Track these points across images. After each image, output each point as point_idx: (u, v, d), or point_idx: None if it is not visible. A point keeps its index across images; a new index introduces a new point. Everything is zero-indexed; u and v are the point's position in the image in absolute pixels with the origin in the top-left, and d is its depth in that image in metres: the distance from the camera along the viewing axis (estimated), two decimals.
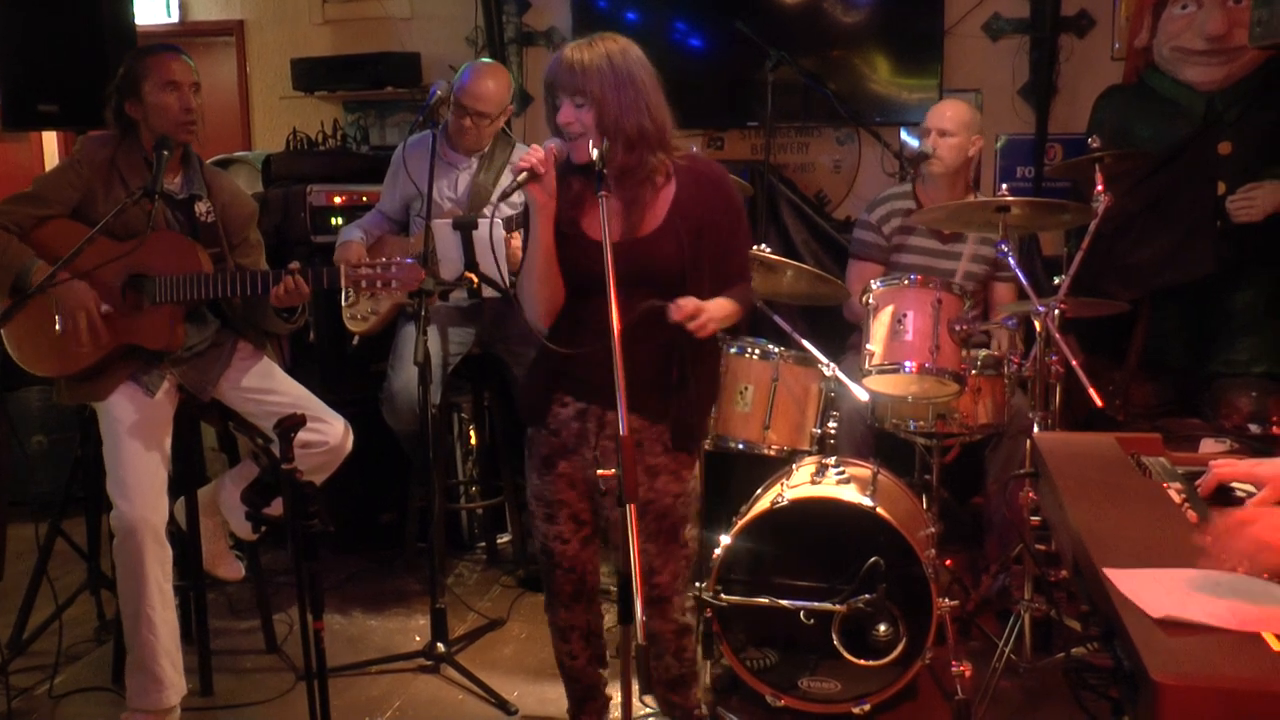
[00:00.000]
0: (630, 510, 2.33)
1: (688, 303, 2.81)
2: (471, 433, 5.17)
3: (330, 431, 3.79)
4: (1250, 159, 4.55)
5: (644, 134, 2.88)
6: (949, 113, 4.43)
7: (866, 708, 3.57)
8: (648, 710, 3.62)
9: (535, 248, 2.92)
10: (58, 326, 3.57)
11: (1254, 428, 3.19)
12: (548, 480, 3.08)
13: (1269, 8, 3.21)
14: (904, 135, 5.74)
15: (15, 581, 4.18)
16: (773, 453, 3.89)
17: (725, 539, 3.60)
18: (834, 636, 3.54)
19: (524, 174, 2.80)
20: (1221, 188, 4.56)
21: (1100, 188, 3.96)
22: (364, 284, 3.55)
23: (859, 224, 4.68)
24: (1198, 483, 2.23)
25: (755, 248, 4.01)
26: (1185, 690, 1.46)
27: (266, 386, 3.82)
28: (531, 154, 2.82)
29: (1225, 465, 2.20)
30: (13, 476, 5.09)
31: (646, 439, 2.99)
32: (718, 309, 2.90)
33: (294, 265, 3.54)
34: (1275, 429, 3.13)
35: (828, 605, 3.55)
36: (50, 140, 6.92)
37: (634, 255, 2.82)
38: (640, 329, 2.77)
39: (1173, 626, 1.60)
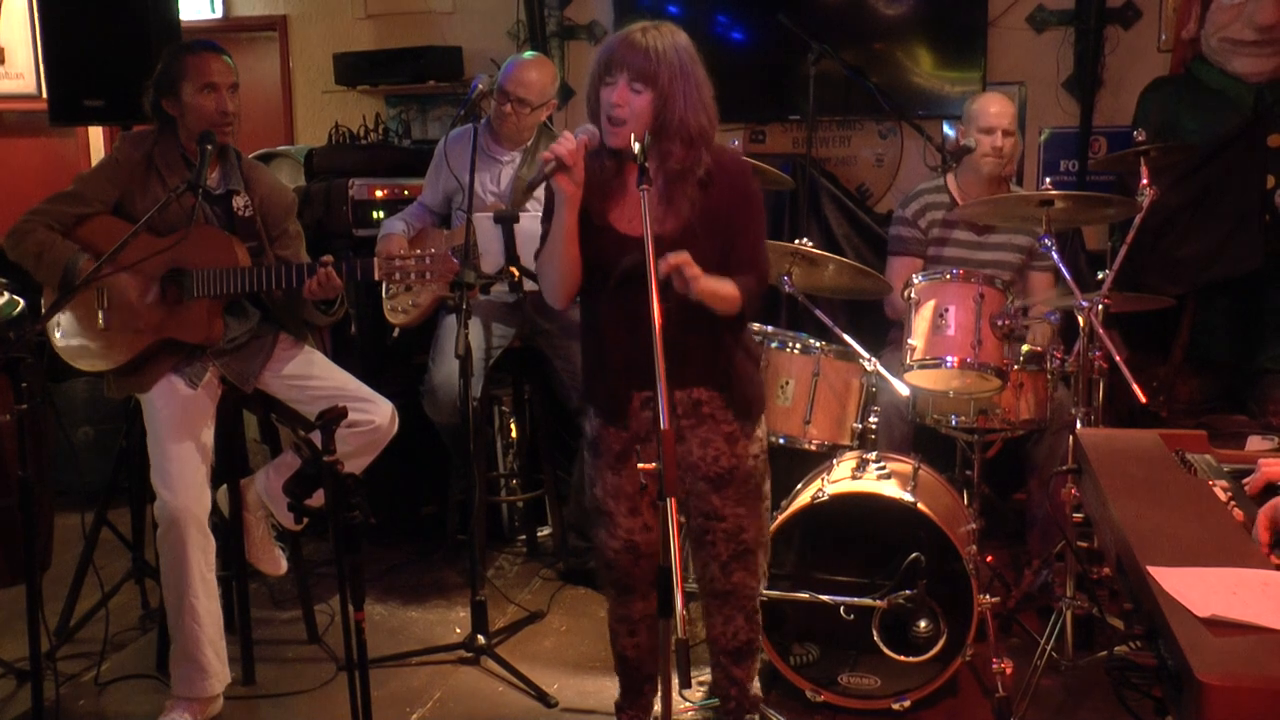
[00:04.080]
0: (670, 505, 2.32)
1: (674, 255, 2.79)
2: (512, 426, 5.18)
3: (377, 412, 3.81)
4: None
5: (703, 133, 2.90)
6: (1009, 111, 4.39)
7: (906, 704, 3.56)
8: (688, 704, 3.63)
9: (558, 235, 2.94)
10: (100, 322, 3.61)
11: None
12: (627, 475, 3.08)
13: None
14: (945, 128, 5.70)
15: (62, 570, 4.23)
16: (813, 447, 3.89)
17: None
18: (874, 632, 3.53)
19: (551, 164, 2.82)
20: (1271, 181, 4.51)
21: (1145, 181, 3.93)
22: (398, 276, 3.58)
23: (895, 220, 4.65)
24: (1245, 481, 2.20)
25: (797, 241, 4.01)
26: (1232, 691, 1.45)
27: (310, 373, 3.84)
28: (561, 144, 2.83)
29: (1275, 463, 2.17)
30: (59, 467, 5.15)
31: (718, 408, 3.04)
32: (713, 281, 2.86)
33: (326, 259, 3.56)
34: None
35: (868, 600, 3.54)
36: (96, 135, 6.97)
37: (658, 252, 2.81)
38: (688, 315, 2.82)
39: (1219, 626, 1.58)
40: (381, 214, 4.98)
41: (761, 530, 3.20)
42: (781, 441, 3.86)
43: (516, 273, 4.32)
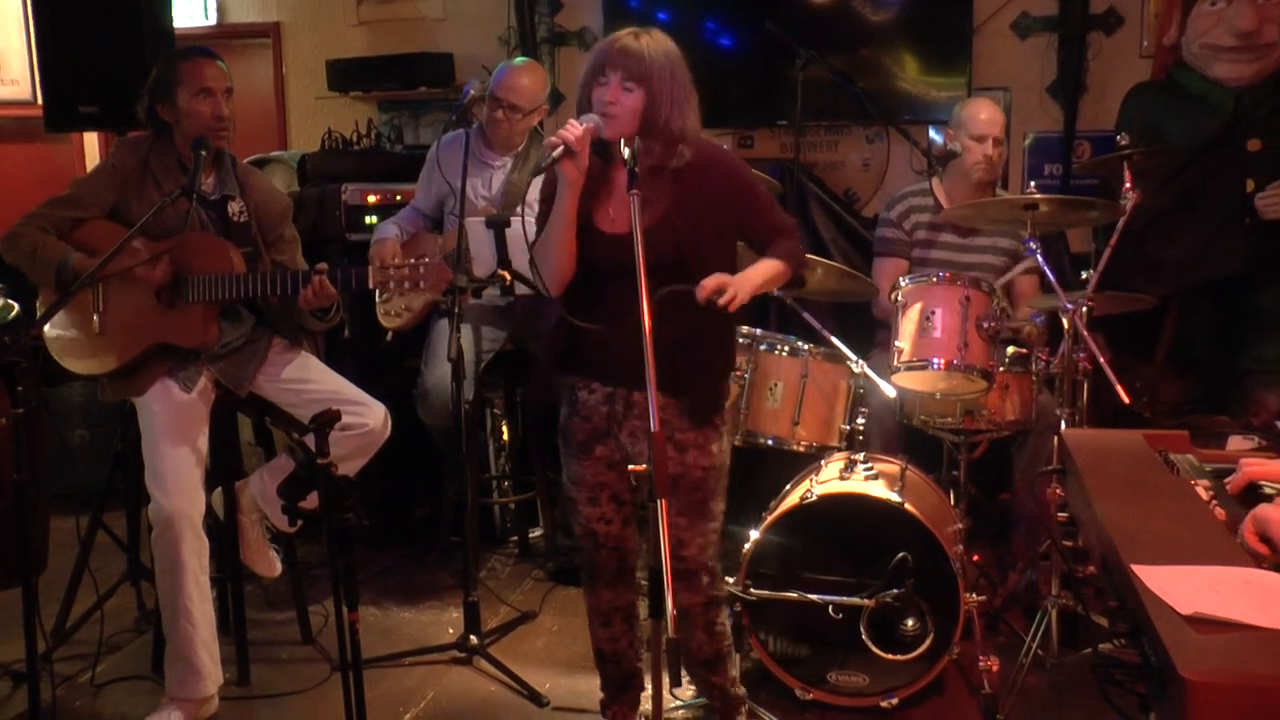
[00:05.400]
0: (661, 505, 2.33)
1: (710, 280, 2.84)
2: (504, 428, 5.18)
3: (370, 415, 3.81)
4: (1279, 155, 4.51)
5: (683, 134, 2.93)
6: (1000, 119, 4.41)
7: (894, 701, 3.57)
8: (679, 703, 3.63)
9: (558, 220, 2.95)
10: (95, 326, 3.60)
11: None
12: (586, 465, 3.12)
13: None
14: (931, 133, 5.72)
15: (58, 572, 4.21)
16: (802, 449, 3.90)
17: (755, 534, 3.60)
18: (862, 631, 3.54)
19: (560, 149, 2.83)
20: (1250, 185, 4.52)
21: (1128, 185, 3.94)
22: (392, 284, 3.57)
23: (881, 222, 4.67)
24: (1227, 481, 2.21)
25: None
26: (1214, 687, 1.45)
27: (304, 377, 3.84)
28: (569, 130, 2.84)
29: (1256, 464, 2.18)
30: (55, 470, 5.14)
31: (672, 415, 3.01)
32: (752, 276, 2.93)
33: (321, 266, 3.56)
34: None
35: (856, 600, 3.55)
36: (91, 141, 6.97)
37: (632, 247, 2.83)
38: (656, 310, 2.79)
39: (1201, 623, 1.59)
40: (374, 219, 4.98)
41: (704, 550, 3.11)
42: (770, 443, 3.86)
43: (508, 276, 4.33)
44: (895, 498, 3.56)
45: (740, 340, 3.83)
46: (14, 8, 6.74)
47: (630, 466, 2.47)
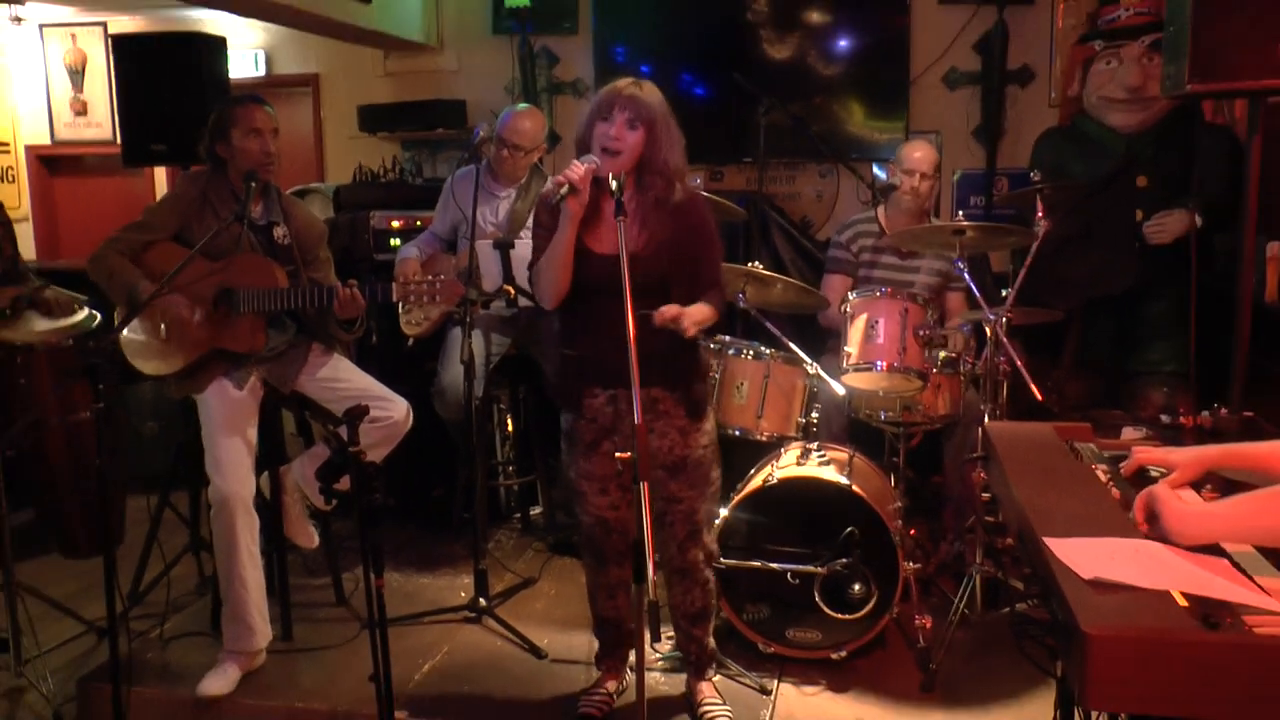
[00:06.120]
0: (643, 488, 2.34)
1: (667, 309, 2.90)
2: (509, 421, 5.17)
3: (394, 409, 3.81)
4: (1162, 190, 4.56)
5: (679, 171, 2.98)
6: (930, 158, 4.41)
7: (843, 654, 3.58)
8: (658, 655, 3.64)
9: (559, 246, 2.96)
10: (162, 333, 3.60)
11: (1165, 418, 3.21)
12: (595, 460, 3.12)
13: (1176, 64, 3.25)
14: (875, 169, 5.75)
15: (132, 544, 4.22)
16: (764, 438, 3.91)
17: (724, 511, 3.61)
18: (816, 594, 3.55)
19: (565, 188, 2.86)
20: (1139, 215, 4.56)
21: (1040, 214, 3.96)
22: (413, 297, 3.59)
23: (832, 244, 4.69)
24: (1121, 465, 2.24)
25: (749, 264, 4.04)
26: (1109, 639, 1.48)
27: (339, 376, 3.84)
28: (572, 171, 2.86)
29: (1145, 451, 2.21)
30: (130, 456, 5.15)
31: (672, 406, 3.07)
32: (696, 312, 2.98)
33: (351, 282, 3.57)
34: (1182, 419, 3.16)
35: (811, 568, 3.56)
36: (160, 174, 7.02)
37: (630, 269, 2.84)
38: (650, 327, 2.85)
39: (1099, 586, 1.61)
40: (398, 241, 4.98)
41: (710, 510, 3.24)
42: (737, 433, 3.87)
43: (512, 291, 4.33)
44: (844, 480, 3.57)
45: (712, 346, 3.84)
46: (100, 65, 6.98)
47: (617, 454, 2.47)
